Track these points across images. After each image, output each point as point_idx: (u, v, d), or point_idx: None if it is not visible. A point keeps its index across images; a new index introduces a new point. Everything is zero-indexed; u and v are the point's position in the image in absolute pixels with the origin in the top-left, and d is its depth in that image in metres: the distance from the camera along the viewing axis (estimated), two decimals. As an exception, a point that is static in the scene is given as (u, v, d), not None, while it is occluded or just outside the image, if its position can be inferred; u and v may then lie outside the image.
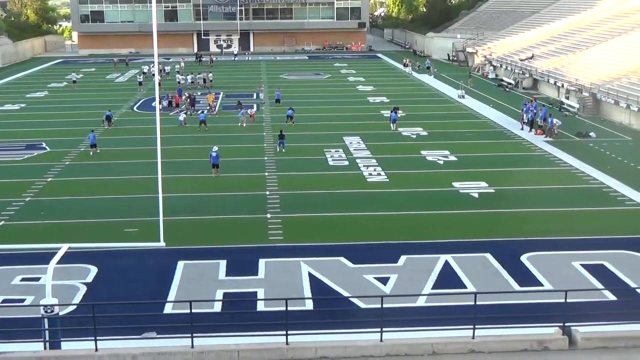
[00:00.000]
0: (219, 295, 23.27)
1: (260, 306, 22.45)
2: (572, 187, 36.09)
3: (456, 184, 36.45)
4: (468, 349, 15.59)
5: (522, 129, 50.18)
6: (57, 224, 30.92)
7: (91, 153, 43.45)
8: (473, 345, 15.64)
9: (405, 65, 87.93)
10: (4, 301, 23.03)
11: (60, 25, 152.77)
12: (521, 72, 72.71)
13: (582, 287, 23.45)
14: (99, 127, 49.88)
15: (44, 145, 46.33)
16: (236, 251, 27.38)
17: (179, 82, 72.91)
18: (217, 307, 22.38)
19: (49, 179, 38.26)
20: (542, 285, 23.84)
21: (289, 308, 16.62)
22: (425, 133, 49.43)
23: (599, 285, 23.71)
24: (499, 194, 34.90)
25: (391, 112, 52.13)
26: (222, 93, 68.91)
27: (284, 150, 43.30)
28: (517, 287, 23.75)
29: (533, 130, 49.29)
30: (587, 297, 22.47)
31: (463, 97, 64.50)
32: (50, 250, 20.40)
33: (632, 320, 17.18)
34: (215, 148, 38.07)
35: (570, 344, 15.56)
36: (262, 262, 26.01)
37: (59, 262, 19.32)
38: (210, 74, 76.13)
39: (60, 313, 20.64)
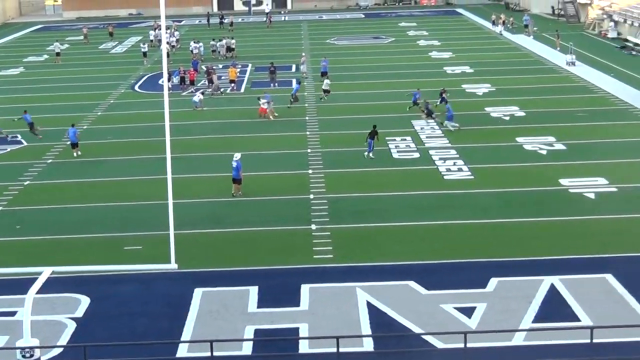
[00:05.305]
0: (249, 333, 23.36)
1: (304, 347, 22.50)
2: None
3: (565, 181, 36.11)
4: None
5: (655, 105, 49.55)
6: (37, 241, 31.33)
7: (74, 154, 42.81)
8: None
9: (494, 23, 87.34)
10: (-30, 342, 23.44)
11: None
12: (652, 28, 71.63)
13: None
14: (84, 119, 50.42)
15: (19, 138, 47.01)
16: (271, 274, 27.45)
17: (192, 52, 73.41)
18: (247, 348, 22.48)
19: (27, 182, 38.87)
20: (684, 316, 23.54)
21: (341, 349, 16.68)
22: (522, 113, 49.01)
23: None
24: (624, 194, 34.45)
25: None
26: (250, 65, 69.23)
27: (372, 156, 40.51)
28: (649, 319, 23.51)
29: (670, 107, 48.65)
30: None
31: (573, 64, 63.73)
32: (28, 276, 20.76)
33: None
34: (238, 156, 36.37)
35: None
36: (305, 289, 26.06)
37: (39, 291, 19.66)
38: (233, 41, 76.48)
39: (43, 358, 21.00)
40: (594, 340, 20.09)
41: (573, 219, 31.84)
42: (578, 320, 23.45)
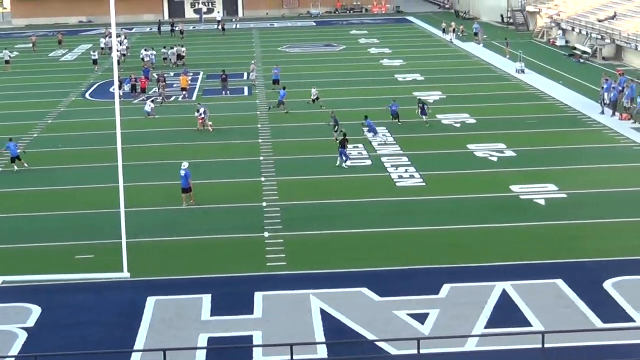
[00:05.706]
0: (203, 341, 23.25)
1: (258, 355, 22.40)
2: (671, 190, 36.04)
3: (515, 188, 36.38)
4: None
5: (603, 112, 49.99)
6: (-13, 251, 31.08)
7: (16, 169, 41.32)
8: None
9: (445, 31, 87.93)
10: None
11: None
12: (600, 37, 72.46)
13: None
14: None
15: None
16: (224, 282, 27.37)
17: (143, 60, 73.01)
18: (201, 357, 22.32)
19: (-24, 192, 38.50)
20: (634, 321, 23.72)
21: (295, 357, 16.66)
22: (473, 121, 49.33)
23: None
24: (573, 201, 34.79)
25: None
26: (201, 73, 69.02)
27: (345, 165, 40.30)
28: (599, 324, 23.69)
29: (617, 114, 49.12)
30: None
31: (523, 71, 64.33)
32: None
33: None
34: (185, 165, 35.90)
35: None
36: (258, 297, 25.96)
37: (-11, 301, 19.40)
38: (183, 49, 76.17)
39: (-7, 368, 20.74)
40: (546, 345, 20.22)
41: (524, 225, 32.13)
42: (530, 325, 23.61)
